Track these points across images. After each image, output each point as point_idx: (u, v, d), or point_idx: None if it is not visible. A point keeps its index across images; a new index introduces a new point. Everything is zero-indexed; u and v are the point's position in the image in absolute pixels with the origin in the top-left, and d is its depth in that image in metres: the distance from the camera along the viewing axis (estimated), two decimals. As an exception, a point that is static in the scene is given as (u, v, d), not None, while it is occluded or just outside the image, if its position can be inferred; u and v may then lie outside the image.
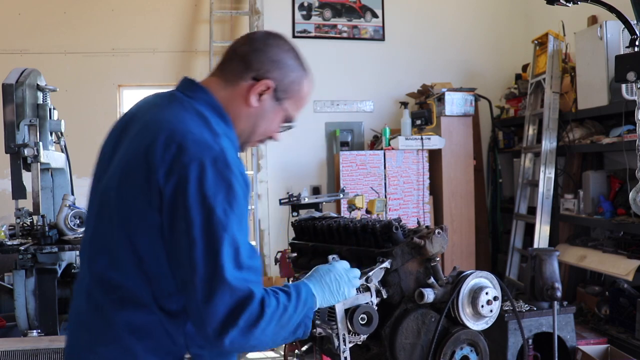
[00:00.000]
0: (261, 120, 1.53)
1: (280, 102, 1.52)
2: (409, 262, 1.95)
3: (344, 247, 2.18)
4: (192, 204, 1.28)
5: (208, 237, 1.27)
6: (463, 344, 1.97)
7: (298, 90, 1.55)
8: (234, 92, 1.50)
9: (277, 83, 1.50)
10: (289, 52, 1.54)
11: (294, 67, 1.54)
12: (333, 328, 1.81)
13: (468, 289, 1.96)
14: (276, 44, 1.54)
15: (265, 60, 1.50)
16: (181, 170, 1.29)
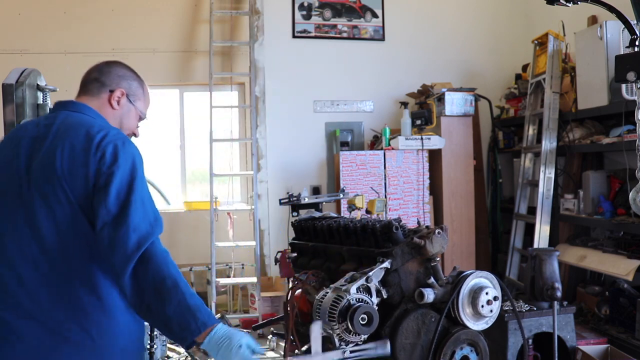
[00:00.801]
0: (125, 119, 2.01)
1: (133, 103, 2.03)
2: (409, 262, 1.96)
3: (344, 247, 2.18)
4: None
5: None
6: (463, 344, 1.97)
7: (142, 93, 2.07)
8: (100, 101, 1.99)
9: (127, 90, 2.02)
10: (126, 68, 2.09)
11: (134, 78, 2.07)
12: (334, 328, 1.81)
13: (468, 289, 1.96)
14: (116, 65, 2.09)
15: (114, 76, 2.03)
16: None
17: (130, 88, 2.03)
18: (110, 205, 1.64)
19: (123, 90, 2.00)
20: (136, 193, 1.68)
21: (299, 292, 2.18)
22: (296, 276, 2.33)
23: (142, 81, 2.10)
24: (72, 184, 1.67)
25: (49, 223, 1.67)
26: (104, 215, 1.64)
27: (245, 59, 6.22)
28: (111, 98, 1.99)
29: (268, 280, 5.89)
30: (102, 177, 1.67)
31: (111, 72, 2.04)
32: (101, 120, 1.92)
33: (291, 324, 2.11)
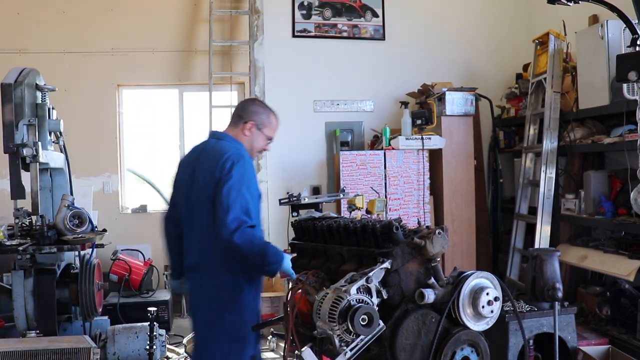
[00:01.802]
0: (254, 142, 2.86)
1: (261, 131, 2.85)
2: (410, 262, 1.94)
3: (344, 248, 2.17)
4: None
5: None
6: (464, 344, 1.95)
7: (269, 122, 2.87)
8: (237, 130, 2.85)
9: (256, 122, 2.83)
10: (259, 105, 2.95)
11: (263, 112, 2.88)
12: (334, 329, 1.80)
13: (469, 289, 1.94)
14: (251, 102, 3.00)
15: (248, 112, 2.87)
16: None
17: (259, 120, 2.83)
18: (222, 198, 2.50)
19: (253, 122, 2.81)
20: (238, 194, 2.52)
21: (299, 293, 2.17)
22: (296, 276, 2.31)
23: (270, 113, 2.88)
24: (209, 188, 2.58)
25: (208, 214, 2.58)
26: (217, 205, 2.51)
27: (245, 58, 6.21)
28: (244, 128, 2.81)
29: (268, 281, 5.87)
30: (220, 181, 2.54)
31: (246, 108, 2.88)
32: (235, 144, 2.76)
33: (291, 325, 2.10)
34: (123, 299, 5.32)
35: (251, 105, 2.90)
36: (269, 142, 2.90)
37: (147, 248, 6.00)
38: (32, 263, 3.85)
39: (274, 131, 2.89)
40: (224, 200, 2.48)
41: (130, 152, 6.42)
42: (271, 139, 2.89)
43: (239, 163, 2.59)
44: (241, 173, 2.57)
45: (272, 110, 2.91)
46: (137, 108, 6.46)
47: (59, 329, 4.06)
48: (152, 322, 3.72)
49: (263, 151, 2.94)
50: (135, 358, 3.90)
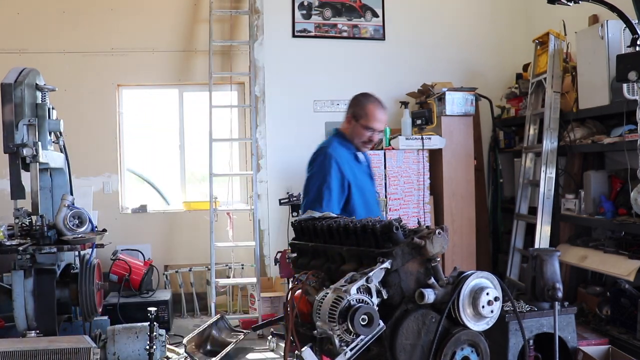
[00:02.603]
0: (354, 133, 3.10)
1: (358, 122, 3.09)
2: (410, 262, 1.94)
3: (344, 248, 2.16)
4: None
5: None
6: (464, 344, 1.95)
7: (365, 113, 3.09)
8: (344, 124, 3.17)
9: (353, 113, 3.12)
10: (361, 97, 3.18)
11: (359, 103, 3.13)
12: (334, 329, 1.80)
13: (469, 289, 1.94)
14: (355, 97, 3.23)
15: (350, 105, 3.19)
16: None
17: (354, 111, 3.08)
18: (303, 188, 3.02)
19: (350, 114, 3.09)
20: (320, 182, 2.89)
21: (299, 293, 2.16)
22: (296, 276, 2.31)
23: (366, 103, 3.07)
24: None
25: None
26: (304, 188, 3.00)
27: (245, 58, 6.21)
28: (346, 120, 3.10)
29: (268, 281, 5.88)
30: (309, 170, 3.02)
31: (350, 101, 3.19)
32: (332, 138, 3.12)
33: (291, 325, 2.10)
34: (123, 299, 5.32)
35: (353, 98, 3.14)
36: (371, 132, 3.02)
37: (147, 248, 6.00)
38: (32, 263, 3.85)
39: (371, 121, 3.01)
40: (303, 190, 3.00)
41: (130, 152, 6.42)
42: (370, 128, 3.01)
43: (319, 158, 2.97)
44: (319, 167, 2.93)
45: (371, 100, 3.07)
46: (137, 108, 6.47)
47: (59, 329, 4.07)
48: (152, 322, 3.72)
49: (370, 142, 3.06)
50: (135, 358, 3.89)
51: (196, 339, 4.57)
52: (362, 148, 3.08)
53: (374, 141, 3.12)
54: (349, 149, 3.09)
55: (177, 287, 6.05)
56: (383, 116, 3.09)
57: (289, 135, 6.18)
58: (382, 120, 3.08)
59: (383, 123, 3.09)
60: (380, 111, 3.06)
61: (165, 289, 5.94)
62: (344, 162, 3.02)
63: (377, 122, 3.04)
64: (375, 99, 3.08)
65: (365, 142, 3.06)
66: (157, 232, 6.19)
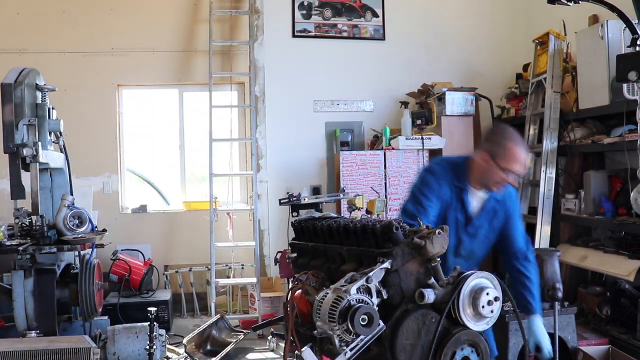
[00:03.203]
0: (486, 173, 2.66)
1: (494, 160, 2.62)
2: (410, 262, 1.94)
3: (344, 248, 2.16)
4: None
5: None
6: (464, 344, 1.95)
7: (503, 153, 2.62)
8: (476, 155, 2.73)
9: (490, 152, 2.64)
10: (500, 132, 2.73)
11: (501, 141, 2.66)
12: (334, 329, 1.80)
13: (469, 289, 1.94)
14: (494, 132, 2.89)
15: (486, 139, 2.80)
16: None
17: (493, 150, 2.64)
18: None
19: (486, 151, 2.66)
20: (411, 190, 2.71)
21: (299, 293, 2.16)
22: (296, 276, 2.31)
23: (508, 145, 2.63)
24: None
25: None
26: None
27: (245, 58, 6.21)
28: (480, 156, 2.68)
29: (268, 281, 5.88)
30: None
31: (488, 135, 2.90)
32: (462, 165, 2.76)
33: (291, 325, 2.10)
34: (123, 299, 5.32)
35: (493, 134, 2.82)
36: (507, 174, 2.64)
37: (147, 248, 6.00)
38: (32, 263, 3.85)
39: (511, 163, 2.62)
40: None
41: (130, 152, 6.42)
42: (509, 170, 2.63)
43: (424, 169, 2.87)
44: (419, 176, 2.78)
45: (512, 140, 2.65)
46: (137, 108, 6.46)
47: (59, 329, 4.06)
48: (152, 322, 3.72)
49: (503, 183, 2.67)
50: (135, 358, 3.89)
51: (196, 339, 4.57)
52: (492, 188, 2.72)
53: (507, 184, 2.72)
54: (459, 182, 2.73)
55: (177, 287, 6.05)
56: (525, 159, 2.70)
57: (289, 135, 6.18)
58: (524, 163, 2.68)
59: (524, 167, 2.69)
60: (523, 153, 2.67)
61: (165, 289, 5.94)
62: (444, 181, 2.71)
63: (518, 166, 2.64)
64: (518, 137, 2.69)
65: (498, 184, 2.69)
66: (157, 232, 6.19)
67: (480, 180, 2.70)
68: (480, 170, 2.69)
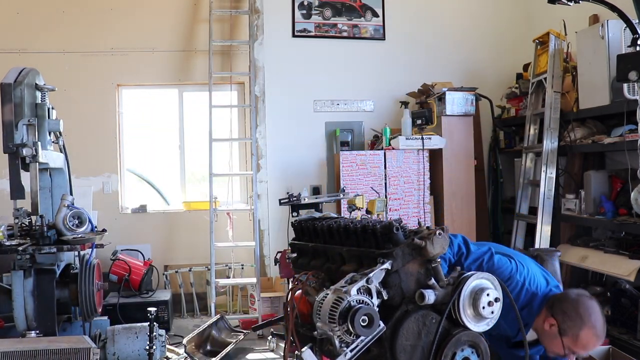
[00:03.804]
0: (548, 342, 2.42)
1: (562, 336, 2.34)
2: (410, 263, 1.94)
3: (344, 248, 2.16)
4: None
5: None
6: (464, 345, 1.95)
7: (577, 335, 2.34)
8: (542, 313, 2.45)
9: (560, 323, 2.34)
10: (581, 305, 2.38)
11: (579, 322, 2.34)
12: (334, 330, 1.79)
13: (469, 290, 1.94)
14: (576, 299, 2.41)
15: (564, 309, 2.38)
16: None
17: (567, 326, 2.35)
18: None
19: (559, 321, 2.36)
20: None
21: (299, 293, 2.16)
22: (296, 277, 2.31)
23: (585, 328, 2.33)
24: None
25: None
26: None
27: (245, 58, 6.21)
28: (546, 319, 2.41)
29: (268, 281, 5.87)
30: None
31: (565, 306, 2.39)
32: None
33: (291, 325, 2.09)
34: (123, 299, 5.32)
35: (572, 306, 2.38)
36: (570, 354, 2.37)
37: (147, 248, 6.00)
38: (31, 263, 3.84)
39: (579, 348, 2.35)
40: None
41: (130, 152, 6.41)
42: (573, 352, 2.37)
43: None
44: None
45: (591, 325, 2.34)
46: (137, 108, 6.46)
47: (59, 329, 4.06)
48: (152, 322, 3.72)
49: (561, 356, 2.39)
50: (135, 358, 3.89)
51: (196, 339, 4.57)
52: (547, 352, 2.47)
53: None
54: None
55: (177, 287, 6.05)
56: (597, 345, 2.44)
57: (289, 135, 6.17)
58: (593, 349, 2.44)
59: (588, 350, 2.42)
60: (597, 341, 2.38)
61: (165, 289, 5.94)
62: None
63: (585, 351, 2.39)
64: (597, 318, 2.36)
65: (555, 354, 2.43)
66: (157, 232, 6.19)
67: (538, 336, 2.46)
68: (542, 334, 2.43)
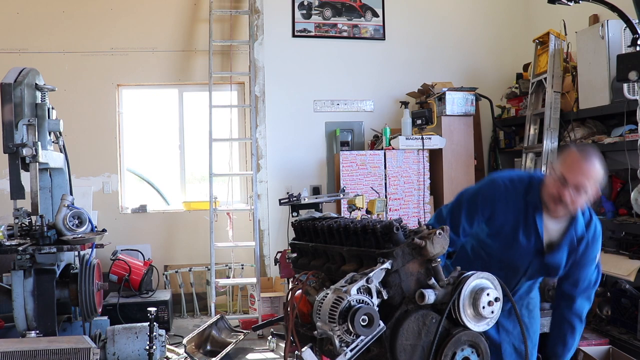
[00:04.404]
0: (545, 186, 2.38)
1: (555, 170, 2.34)
2: (410, 263, 1.93)
3: (345, 248, 2.16)
4: None
5: None
6: (464, 345, 1.95)
7: (565, 160, 2.34)
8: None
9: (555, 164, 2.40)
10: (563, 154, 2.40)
11: (566, 152, 2.39)
12: (334, 330, 1.79)
13: (469, 290, 1.93)
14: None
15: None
16: None
17: (558, 160, 2.43)
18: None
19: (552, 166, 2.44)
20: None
21: (299, 293, 2.16)
22: (296, 277, 2.31)
23: (571, 153, 2.34)
24: None
25: None
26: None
27: (245, 58, 6.21)
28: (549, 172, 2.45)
29: (268, 281, 5.87)
30: None
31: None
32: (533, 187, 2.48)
33: (291, 325, 2.09)
34: (123, 299, 5.32)
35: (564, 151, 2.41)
36: (563, 185, 2.27)
37: (147, 248, 6.00)
38: (31, 263, 3.84)
39: (567, 170, 2.27)
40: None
41: (130, 152, 6.41)
42: (564, 180, 2.26)
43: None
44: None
45: (582, 151, 2.30)
46: (137, 108, 6.46)
47: (59, 329, 4.06)
48: (152, 322, 3.72)
49: (560, 201, 2.29)
50: (135, 358, 3.89)
51: (196, 339, 4.57)
52: (548, 207, 2.36)
53: (565, 201, 2.29)
54: (532, 204, 2.41)
55: (177, 287, 6.05)
56: (589, 171, 2.26)
57: (289, 135, 6.18)
58: (586, 175, 2.25)
59: (586, 179, 2.25)
60: (585, 164, 2.26)
61: (165, 289, 5.94)
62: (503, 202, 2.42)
63: (575, 175, 2.25)
64: (591, 151, 2.30)
65: (554, 198, 2.31)
66: (157, 232, 6.19)
67: (543, 199, 2.37)
68: (544, 188, 2.37)
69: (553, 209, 2.35)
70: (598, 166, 2.28)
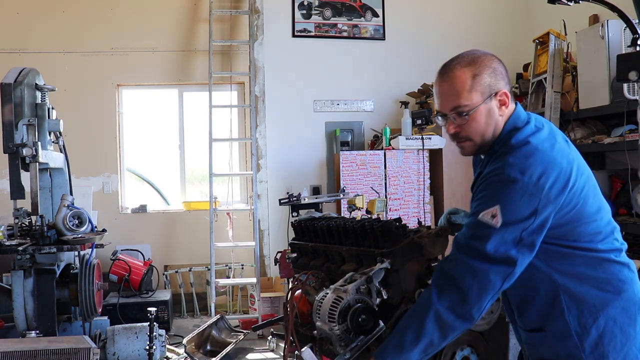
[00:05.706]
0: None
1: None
2: (410, 262, 1.93)
3: (344, 248, 2.16)
4: None
5: None
6: (463, 345, 1.95)
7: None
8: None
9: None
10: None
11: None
12: (333, 329, 1.79)
13: (469, 289, 1.93)
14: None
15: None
16: None
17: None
18: None
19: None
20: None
21: (299, 293, 2.16)
22: (296, 277, 2.31)
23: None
24: None
25: None
26: None
27: (245, 58, 6.21)
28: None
29: (268, 281, 5.87)
30: None
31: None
32: None
33: (291, 325, 2.09)
34: (123, 299, 5.32)
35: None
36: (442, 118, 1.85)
37: (147, 248, 6.00)
38: (31, 263, 3.84)
39: (435, 94, 1.87)
40: None
41: (130, 152, 6.42)
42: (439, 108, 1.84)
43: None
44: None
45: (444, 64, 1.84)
46: (137, 108, 6.46)
47: (59, 329, 4.06)
48: (152, 322, 3.72)
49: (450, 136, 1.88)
50: (135, 358, 3.89)
51: (196, 339, 4.57)
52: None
53: (450, 133, 1.85)
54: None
55: (177, 287, 6.05)
56: (440, 88, 1.80)
57: (289, 135, 6.17)
58: (439, 94, 1.81)
59: (440, 99, 1.80)
60: (441, 79, 1.80)
61: (165, 289, 5.94)
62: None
63: (438, 100, 1.83)
64: (446, 64, 1.80)
65: (449, 137, 1.91)
66: (157, 232, 6.19)
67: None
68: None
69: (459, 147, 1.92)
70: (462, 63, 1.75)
